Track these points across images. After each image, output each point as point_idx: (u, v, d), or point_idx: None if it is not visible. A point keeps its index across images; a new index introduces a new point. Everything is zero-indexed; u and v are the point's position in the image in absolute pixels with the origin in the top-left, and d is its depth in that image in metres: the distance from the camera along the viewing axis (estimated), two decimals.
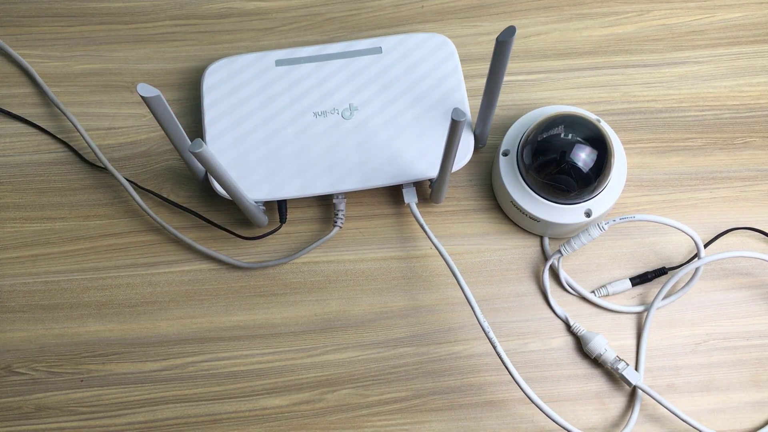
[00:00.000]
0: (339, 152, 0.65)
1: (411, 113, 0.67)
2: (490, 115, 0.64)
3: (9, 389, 0.66)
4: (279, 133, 0.66)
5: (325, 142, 0.66)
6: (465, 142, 0.66)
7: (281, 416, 0.65)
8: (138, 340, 0.67)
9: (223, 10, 0.77)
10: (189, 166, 0.63)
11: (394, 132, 0.66)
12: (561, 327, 0.67)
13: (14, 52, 0.73)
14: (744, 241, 0.69)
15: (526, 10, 0.77)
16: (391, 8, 0.77)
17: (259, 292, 0.68)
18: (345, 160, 0.65)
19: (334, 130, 0.66)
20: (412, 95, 0.67)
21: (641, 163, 0.72)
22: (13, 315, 0.67)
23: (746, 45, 0.75)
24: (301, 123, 0.67)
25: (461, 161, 0.65)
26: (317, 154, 0.65)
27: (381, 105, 0.67)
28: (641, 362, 0.65)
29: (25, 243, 0.69)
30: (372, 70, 0.69)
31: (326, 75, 0.68)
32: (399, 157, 0.65)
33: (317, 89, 0.68)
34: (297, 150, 0.65)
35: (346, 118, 0.66)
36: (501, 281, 0.68)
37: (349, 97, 0.67)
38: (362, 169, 0.65)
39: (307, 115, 0.67)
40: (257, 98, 0.68)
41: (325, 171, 0.65)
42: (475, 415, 0.65)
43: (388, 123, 0.66)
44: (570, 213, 0.65)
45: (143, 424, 0.65)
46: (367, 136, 0.66)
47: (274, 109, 0.67)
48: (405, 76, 0.68)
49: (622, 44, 0.75)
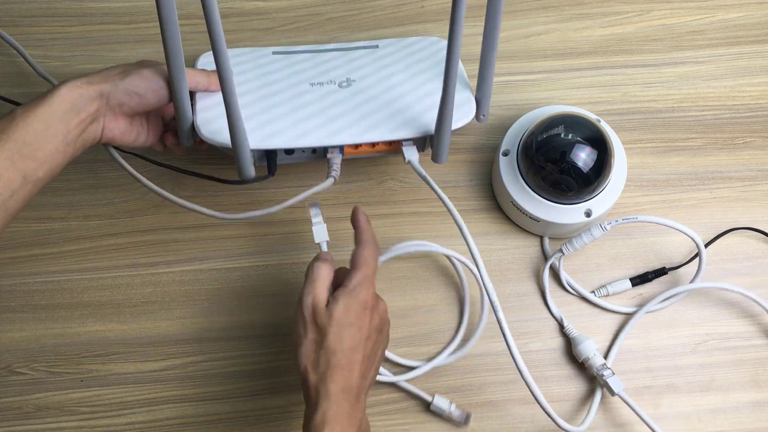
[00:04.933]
0: (335, 110, 0.62)
1: (410, 83, 0.65)
2: (489, 77, 0.61)
3: (9, 389, 0.66)
4: (273, 96, 0.63)
5: (320, 104, 0.62)
6: (464, 101, 0.63)
7: (281, 416, 0.65)
8: (138, 340, 0.67)
9: (223, 10, 0.77)
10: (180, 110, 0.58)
11: (393, 96, 0.63)
12: (557, 327, 0.67)
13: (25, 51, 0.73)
14: (744, 241, 0.69)
15: (526, 10, 0.77)
16: (391, 8, 0.77)
17: (259, 292, 0.68)
18: (341, 117, 0.61)
19: (330, 95, 0.63)
20: (410, 69, 0.66)
21: (641, 163, 0.72)
22: (13, 315, 0.67)
23: (746, 45, 0.75)
24: (296, 90, 0.64)
25: (461, 120, 0.61)
26: (312, 111, 0.62)
27: (378, 79, 0.65)
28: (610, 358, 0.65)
29: (25, 243, 0.69)
30: (368, 57, 0.68)
31: (323, 60, 0.68)
32: (398, 115, 0.62)
33: (314, 69, 0.66)
34: (291, 108, 0.62)
35: (343, 87, 0.64)
36: (501, 281, 0.68)
37: (346, 73, 0.66)
38: (359, 125, 0.61)
39: (303, 84, 0.64)
40: (251, 74, 0.65)
41: (319, 125, 0.61)
42: (475, 415, 0.65)
43: (387, 90, 0.64)
44: (570, 213, 0.65)
45: (143, 424, 0.65)
46: (364, 99, 0.63)
47: (268, 80, 0.65)
48: (402, 60, 0.67)
49: (622, 44, 0.75)
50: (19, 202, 0.52)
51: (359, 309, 0.53)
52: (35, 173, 0.52)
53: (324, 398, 0.50)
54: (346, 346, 0.52)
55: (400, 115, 0.61)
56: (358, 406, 0.52)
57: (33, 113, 0.52)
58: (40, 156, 0.52)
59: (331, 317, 0.52)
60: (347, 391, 0.51)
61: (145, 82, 0.56)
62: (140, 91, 0.56)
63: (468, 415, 0.64)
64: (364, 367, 0.53)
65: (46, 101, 0.53)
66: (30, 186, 0.53)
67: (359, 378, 0.52)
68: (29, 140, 0.52)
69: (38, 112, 0.52)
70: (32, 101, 0.53)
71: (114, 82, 0.55)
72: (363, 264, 0.54)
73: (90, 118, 0.55)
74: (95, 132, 0.56)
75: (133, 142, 0.60)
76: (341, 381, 0.51)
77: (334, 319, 0.52)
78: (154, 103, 0.57)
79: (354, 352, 0.52)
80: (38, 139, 0.52)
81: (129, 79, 0.56)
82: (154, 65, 0.58)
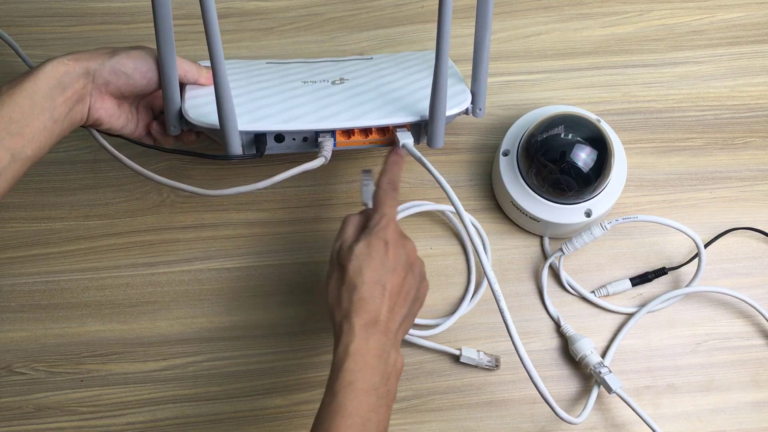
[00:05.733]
0: (327, 100, 0.61)
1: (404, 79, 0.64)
2: (484, 71, 0.60)
3: (9, 389, 0.66)
4: (265, 89, 0.62)
5: (312, 96, 0.62)
6: (459, 91, 0.62)
7: (281, 416, 0.65)
8: (138, 340, 0.67)
9: (223, 10, 0.77)
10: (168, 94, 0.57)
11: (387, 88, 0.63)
12: (556, 327, 0.67)
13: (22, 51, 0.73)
14: (744, 241, 0.69)
15: (526, 10, 0.77)
16: (391, 8, 0.77)
17: (259, 292, 0.68)
18: (333, 105, 0.60)
19: (323, 90, 0.63)
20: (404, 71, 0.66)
21: (641, 163, 0.72)
22: (13, 315, 0.67)
23: (746, 45, 0.75)
24: (289, 85, 0.63)
25: (456, 107, 0.60)
26: (304, 101, 0.61)
27: (372, 78, 0.65)
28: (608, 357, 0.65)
29: (25, 243, 0.69)
30: (362, 64, 0.68)
31: (316, 66, 0.68)
32: (391, 103, 0.61)
33: (307, 72, 0.66)
34: (283, 98, 0.61)
35: (336, 84, 0.64)
36: (501, 281, 0.68)
37: (339, 75, 0.66)
38: (353, 110, 0.60)
39: (296, 82, 0.64)
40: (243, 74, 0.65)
41: (312, 111, 0.60)
42: (475, 415, 0.65)
43: (380, 85, 0.63)
44: (570, 213, 0.65)
45: (143, 424, 0.65)
46: (358, 92, 0.62)
47: (261, 79, 0.65)
48: (396, 65, 0.68)
49: (622, 44, 0.75)
50: (7, 180, 0.52)
51: (380, 245, 0.53)
52: (23, 151, 0.52)
53: (347, 332, 0.50)
54: (367, 279, 0.51)
55: (393, 102, 0.61)
56: (387, 341, 0.51)
57: (19, 90, 0.51)
58: (28, 133, 0.52)
59: (351, 253, 0.53)
60: (372, 324, 0.51)
61: (133, 62, 0.55)
62: (127, 70, 0.55)
63: (497, 358, 0.65)
64: (391, 301, 0.52)
65: (32, 78, 0.52)
66: (18, 164, 0.52)
67: (387, 312, 0.52)
68: (15, 117, 0.51)
69: (24, 88, 0.52)
70: (17, 78, 0.52)
71: (101, 60, 0.54)
72: (381, 204, 0.55)
73: (76, 96, 0.54)
74: (82, 111, 0.55)
75: (121, 129, 0.59)
76: (365, 315, 0.51)
77: (354, 254, 0.52)
78: (142, 84, 0.56)
79: (376, 284, 0.52)
80: (25, 116, 0.51)
81: (117, 58, 0.55)
82: (145, 48, 0.57)
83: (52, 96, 0.52)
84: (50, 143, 0.54)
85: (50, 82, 0.52)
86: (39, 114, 0.52)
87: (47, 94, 0.52)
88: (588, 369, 0.64)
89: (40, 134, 0.52)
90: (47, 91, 0.52)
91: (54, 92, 0.52)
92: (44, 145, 0.53)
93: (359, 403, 0.48)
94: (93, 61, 0.54)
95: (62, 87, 0.53)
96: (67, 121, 0.54)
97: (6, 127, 0.51)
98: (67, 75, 0.53)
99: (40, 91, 0.52)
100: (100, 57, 0.54)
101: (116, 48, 0.56)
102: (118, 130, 0.59)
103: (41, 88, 0.52)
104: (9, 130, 0.51)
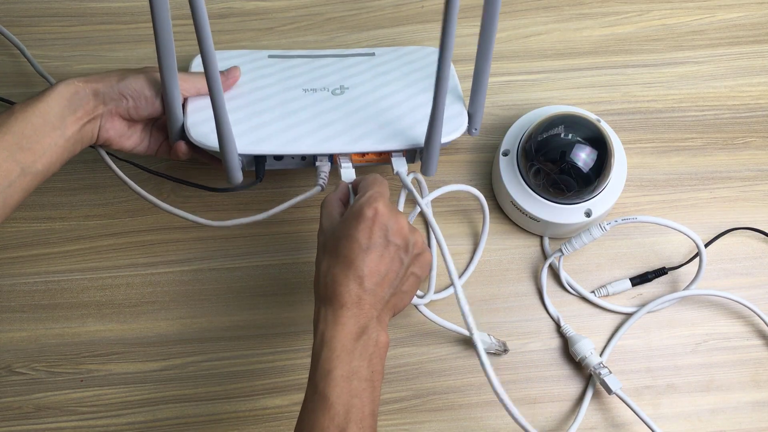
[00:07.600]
0: (326, 117, 0.62)
1: (403, 93, 0.65)
2: (483, 92, 0.61)
3: (9, 389, 0.66)
4: (265, 101, 0.63)
5: (312, 110, 0.63)
6: (456, 114, 0.63)
7: (281, 416, 0.65)
8: (138, 340, 0.67)
9: (223, 10, 0.77)
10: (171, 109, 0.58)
11: (385, 106, 0.63)
12: (556, 327, 0.67)
13: (27, 50, 0.73)
14: (744, 241, 0.69)
15: (526, 10, 0.77)
16: (391, 8, 0.77)
17: (259, 292, 0.68)
18: (332, 125, 0.61)
19: (322, 102, 0.64)
20: (404, 79, 0.67)
21: (641, 163, 0.72)
22: (13, 315, 0.67)
23: (746, 45, 0.75)
24: (289, 95, 0.64)
25: (452, 134, 0.61)
26: (303, 118, 0.62)
27: (373, 87, 0.65)
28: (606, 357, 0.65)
29: (25, 243, 0.69)
30: (364, 65, 0.68)
31: (318, 65, 0.68)
32: (388, 126, 0.62)
33: (308, 74, 0.67)
34: (282, 114, 0.62)
35: (336, 95, 0.65)
36: (501, 281, 0.68)
37: (340, 81, 0.66)
38: (350, 134, 0.61)
39: (296, 90, 0.65)
40: (245, 77, 0.66)
41: (309, 132, 0.61)
42: (475, 415, 0.65)
43: (379, 100, 0.64)
44: (570, 213, 0.65)
45: (143, 424, 0.65)
46: (356, 108, 0.63)
47: (261, 84, 0.65)
48: (397, 69, 0.68)
49: (622, 44, 0.75)
50: (17, 192, 0.53)
51: (358, 222, 0.51)
52: (33, 165, 0.54)
53: (322, 319, 0.50)
54: (340, 261, 0.51)
55: (390, 125, 0.62)
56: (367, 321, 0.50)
57: (31, 108, 0.54)
58: (38, 149, 0.54)
59: (332, 233, 0.52)
60: (348, 307, 0.50)
61: (139, 88, 0.58)
62: (134, 95, 0.57)
63: (504, 343, 0.66)
64: (370, 281, 0.50)
65: (44, 97, 0.54)
66: (29, 178, 0.54)
67: (365, 293, 0.50)
68: (27, 133, 0.53)
69: (36, 107, 0.54)
70: (30, 98, 0.55)
71: (110, 83, 0.57)
72: (363, 187, 0.54)
73: (87, 116, 0.56)
74: (92, 130, 0.57)
75: (132, 149, 0.61)
76: (338, 299, 0.50)
77: (334, 234, 0.52)
78: (146, 109, 0.58)
79: (349, 266, 0.50)
80: (36, 132, 0.53)
81: (125, 83, 0.57)
82: (151, 73, 0.58)
83: (63, 115, 0.55)
84: (61, 160, 0.56)
85: (62, 102, 0.55)
86: (50, 131, 0.54)
87: (59, 112, 0.55)
88: (588, 370, 0.64)
89: (51, 150, 0.54)
90: (59, 110, 0.55)
91: (65, 111, 0.55)
92: (54, 161, 0.55)
93: (340, 391, 0.48)
94: (102, 84, 0.56)
95: (73, 107, 0.55)
96: (78, 140, 0.56)
97: (17, 142, 0.53)
98: (77, 95, 0.55)
99: (51, 110, 0.54)
100: (109, 80, 0.57)
101: (125, 71, 0.58)
102: (129, 150, 0.61)
103: (53, 107, 0.54)
104: (20, 145, 0.53)
